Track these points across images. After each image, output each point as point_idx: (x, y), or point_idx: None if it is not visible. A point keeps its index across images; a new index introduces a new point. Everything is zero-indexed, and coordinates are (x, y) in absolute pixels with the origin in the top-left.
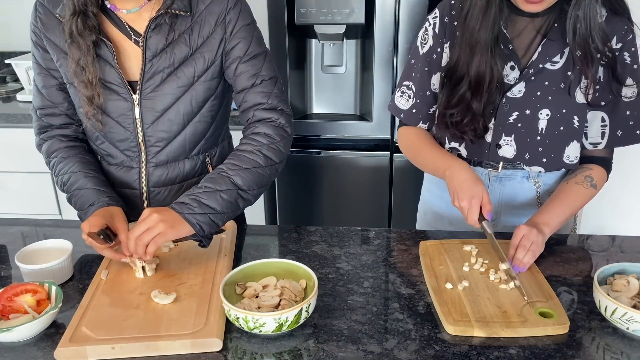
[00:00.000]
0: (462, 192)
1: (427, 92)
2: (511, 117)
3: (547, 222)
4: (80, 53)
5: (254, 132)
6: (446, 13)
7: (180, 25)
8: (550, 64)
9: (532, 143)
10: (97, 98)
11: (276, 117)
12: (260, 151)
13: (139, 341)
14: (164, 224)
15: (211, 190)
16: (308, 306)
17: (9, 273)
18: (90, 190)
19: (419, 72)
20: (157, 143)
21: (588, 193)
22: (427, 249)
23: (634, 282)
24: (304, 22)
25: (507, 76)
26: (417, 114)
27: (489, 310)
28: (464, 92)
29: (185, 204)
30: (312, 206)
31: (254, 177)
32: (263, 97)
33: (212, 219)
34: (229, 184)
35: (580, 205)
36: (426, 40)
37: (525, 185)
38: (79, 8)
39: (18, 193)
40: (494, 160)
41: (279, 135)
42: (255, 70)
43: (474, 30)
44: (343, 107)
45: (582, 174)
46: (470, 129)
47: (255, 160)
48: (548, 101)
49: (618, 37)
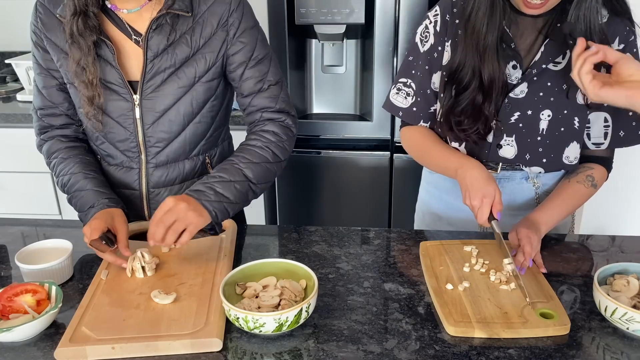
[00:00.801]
0: (474, 190)
1: (427, 90)
2: (513, 117)
3: (545, 221)
4: (81, 53)
5: (263, 130)
6: (447, 11)
7: (182, 26)
8: (553, 64)
9: (533, 143)
10: (97, 98)
11: (284, 118)
12: (269, 147)
13: (139, 341)
14: (193, 212)
15: (225, 180)
16: (308, 306)
17: (9, 273)
18: (90, 191)
19: (420, 70)
20: (157, 143)
21: (587, 192)
22: (428, 249)
23: (634, 282)
24: (304, 22)
25: (510, 76)
26: (417, 113)
27: (490, 311)
28: (473, 98)
29: (202, 191)
30: (312, 206)
31: (263, 171)
32: (271, 102)
33: (226, 208)
34: (241, 176)
35: (580, 204)
36: (427, 39)
37: (524, 186)
38: (80, 8)
39: (18, 193)
40: (493, 160)
41: (285, 134)
42: (262, 75)
43: (480, 33)
44: (343, 107)
45: (583, 173)
46: (475, 132)
47: (264, 156)
48: (550, 102)
49: (620, 38)
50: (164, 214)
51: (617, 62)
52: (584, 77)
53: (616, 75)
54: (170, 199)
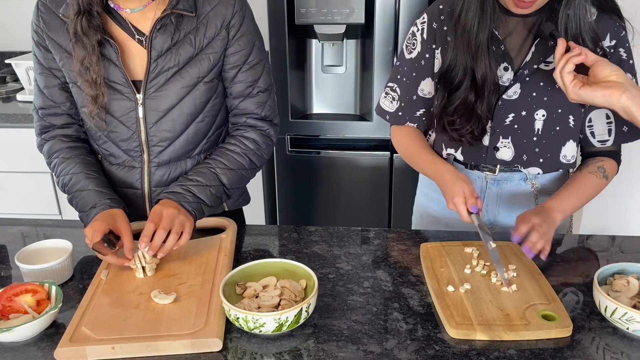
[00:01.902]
0: (446, 195)
1: (413, 96)
2: (507, 119)
3: (561, 209)
4: (85, 52)
5: (244, 136)
6: (435, 18)
7: (186, 26)
8: (544, 64)
9: (529, 144)
10: (101, 97)
11: (266, 127)
12: (247, 155)
13: (139, 341)
14: (184, 215)
15: (202, 184)
16: (308, 306)
17: (9, 273)
18: (91, 192)
19: (405, 76)
20: (160, 143)
21: (600, 184)
22: (428, 251)
23: (634, 282)
24: (304, 22)
25: (502, 77)
26: (403, 116)
27: (492, 313)
28: (465, 97)
29: (180, 193)
30: (312, 206)
31: (238, 177)
32: (257, 108)
33: (202, 209)
34: (217, 181)
35: (592, 195)
36: (414, 46)
37: (522, 188)
38: (84, 7)
39: (18, 193)
40: (491, 163)
41: (265, 143)
42: (253, 80)
43: (472, 32)
44: (343, 107)
45: (594, 164)
46: (469, 132)
47: (241, 163)
48: (543, 102)
49: (611, 34)
50: (160, 220)
51: (595, 64)
52: (566, 77)
53: (593, 77)
54: (158, 207)
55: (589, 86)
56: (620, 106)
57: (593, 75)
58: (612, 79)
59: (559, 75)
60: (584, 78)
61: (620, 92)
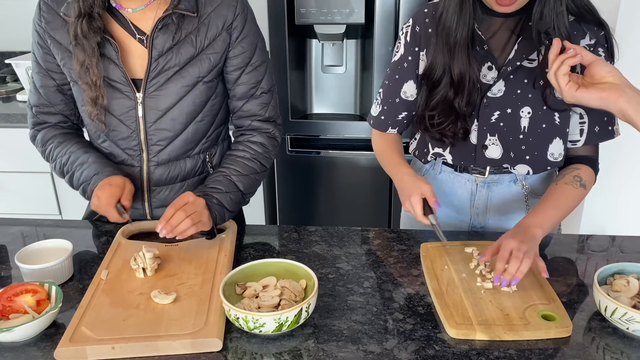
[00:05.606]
0: (403, 195)
1: (396, 99)
2: (493, 116)
3: (539, 224)
4: (85, 55)
5: (250, 141)
6: (419, 22)
7: (187, 26)
8: (528, 61)
9: (516, 142)
10: (101, 99)
11: (271, 128)
12: (257, 159)
13: (139, 341)
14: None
15: (222, 191)
16: (308, 306)
17: (9, 273)
18: (93, 163)
19: (388, 79)
20: (159, 142)
21: (578, 193)
22: (428, 251)
23: (634, 282)
24: (304, 22)
25: (485, 76)
26: (385, 121)
27: (491, 313)
28: (444, 93)
29: (208, 195)
30: (312, 206)
31: (251, 182)
32: (261, 109)
33: (224, 214)
34: (235, 188)
35: (572, 206)
36: (398, 49)
37: (512, 189)
38: (85, 10)
39: (18, 193)
40: (480, 164)
41: (272, 145)
42: (256, 82)
43: (451, 30)
44: (343, 107)
45: (570, 174)
46: (450, 131)
47: (253, 168)
48: (528, 99)
49: (591, 33)
50: (185, 204)
51: (591, 64)
52: (560, 79)
53: (589, 77)
54: (190, 194)
55: (585, 88)
56: (618, 109)
57: (589, 75)
58: (609, 80)
59: (554, 77)
60: (579, 78)
61: (618, 95)
